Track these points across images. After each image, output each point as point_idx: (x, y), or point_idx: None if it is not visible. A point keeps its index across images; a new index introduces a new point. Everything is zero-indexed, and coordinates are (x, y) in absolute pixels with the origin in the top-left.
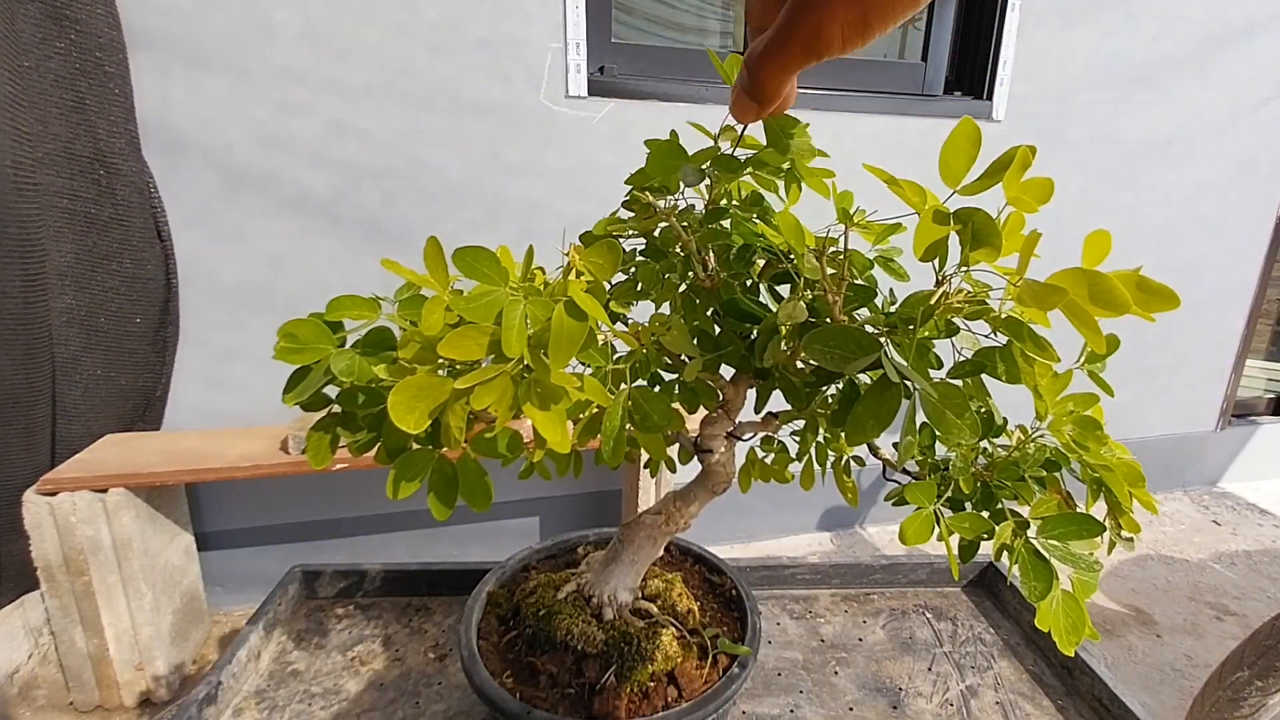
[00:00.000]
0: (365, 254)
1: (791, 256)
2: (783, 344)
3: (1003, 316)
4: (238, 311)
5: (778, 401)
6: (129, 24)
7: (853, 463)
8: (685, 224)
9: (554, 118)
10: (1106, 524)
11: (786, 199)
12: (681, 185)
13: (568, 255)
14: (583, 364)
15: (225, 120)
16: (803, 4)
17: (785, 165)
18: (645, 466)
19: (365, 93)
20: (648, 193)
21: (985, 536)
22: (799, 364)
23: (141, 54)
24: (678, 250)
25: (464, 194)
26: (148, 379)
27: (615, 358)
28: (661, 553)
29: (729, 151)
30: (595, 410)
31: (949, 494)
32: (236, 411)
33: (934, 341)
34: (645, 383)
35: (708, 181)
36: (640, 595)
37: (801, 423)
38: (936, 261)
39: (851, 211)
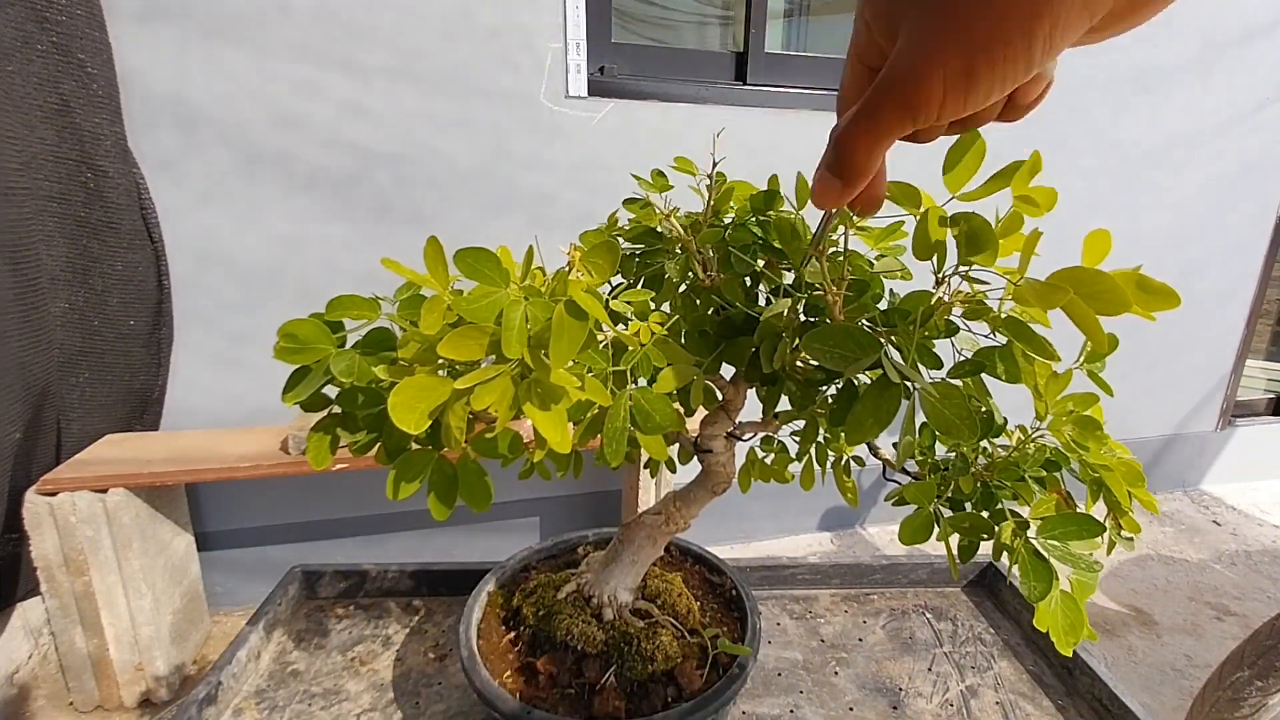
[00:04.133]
0: (376, 237)
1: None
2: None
3: (1003, 316)
4: (252, 291)
5: (778, 401)
6: None
7: (853, 463)
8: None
9: (556, 115)
10: (1106, 524)
11: (796, 203)
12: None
13: (569, 254)
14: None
15: (240, 97)
16: (899, 58)
17: None
18: (645, 466)
19: (378, 75)
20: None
21: (985, 536)
22: (799, 364)
23: (159, 25)
24: (678, 250)
25: (474, 181)
26: (144, 381)
27: (615, 356)
28: (661, 553)
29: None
30: (596, 410)
31: (949, 494)
32: (245, 395)
33: (934, 341)
34: (646, 382)
35: (708, 183)
36: (640, 595)
37: (801, 423)
38: (935, 261)
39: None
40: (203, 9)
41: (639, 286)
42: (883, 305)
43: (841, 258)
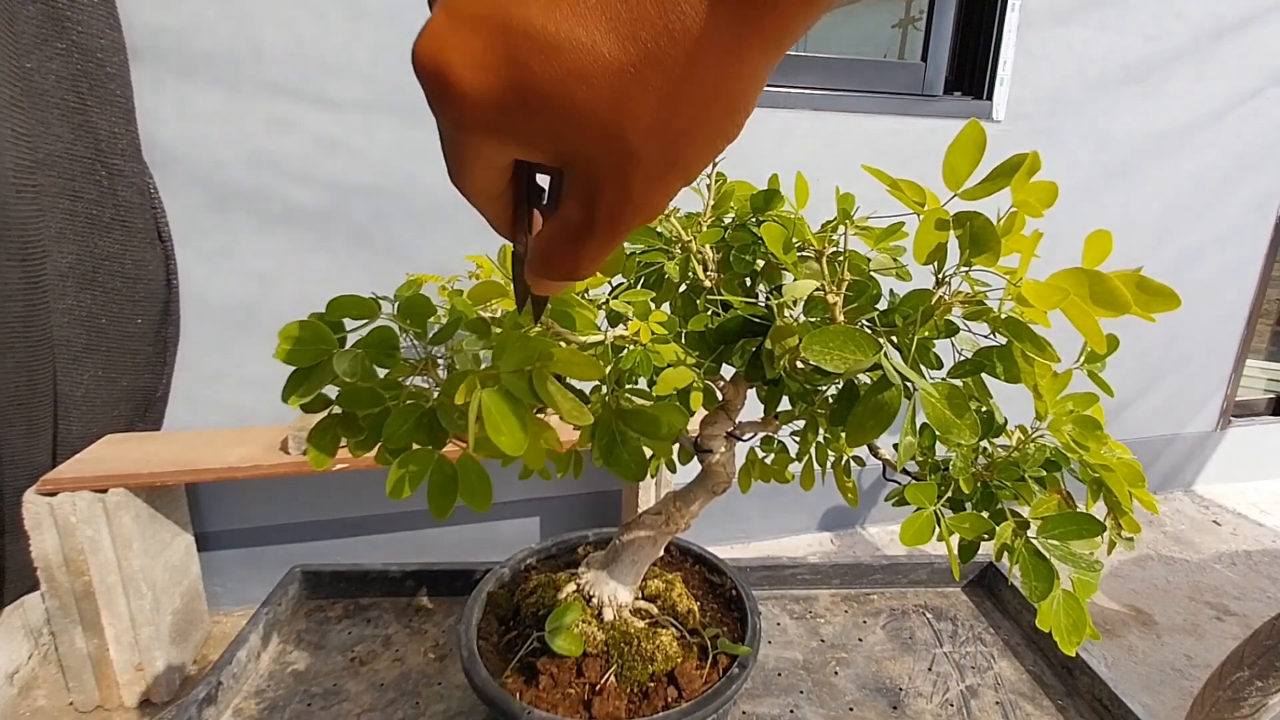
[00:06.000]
0: (354, 270)
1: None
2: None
3: (1003, 317)
4: (225, 329)
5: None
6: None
7: (853, 463)
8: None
9: None
10: (1106, 524)
11: (796, 203)
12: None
13: None
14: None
15: (215, 137)
16: (624, 197)
17: None
18: None
19: (353, 109)
20: None
21: (985, 536)
22: (799, 364)
23: (132, 70)
24: (678, 250)
25: (453, 208)
26: (149, 379)
27: (614, 359)
28: (661, 553)
29: None
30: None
31: (949, 494)
32: (225, 427)
33: (934, 341)
34: (645, 383)
35: (708, 183)
36: (640, 595)
37: (801, 423)
38: (936, 263)
39: (852, 213)
40: (174, 52)
41: (639, 286)
42: (882, 305)
43: (842, 258)
